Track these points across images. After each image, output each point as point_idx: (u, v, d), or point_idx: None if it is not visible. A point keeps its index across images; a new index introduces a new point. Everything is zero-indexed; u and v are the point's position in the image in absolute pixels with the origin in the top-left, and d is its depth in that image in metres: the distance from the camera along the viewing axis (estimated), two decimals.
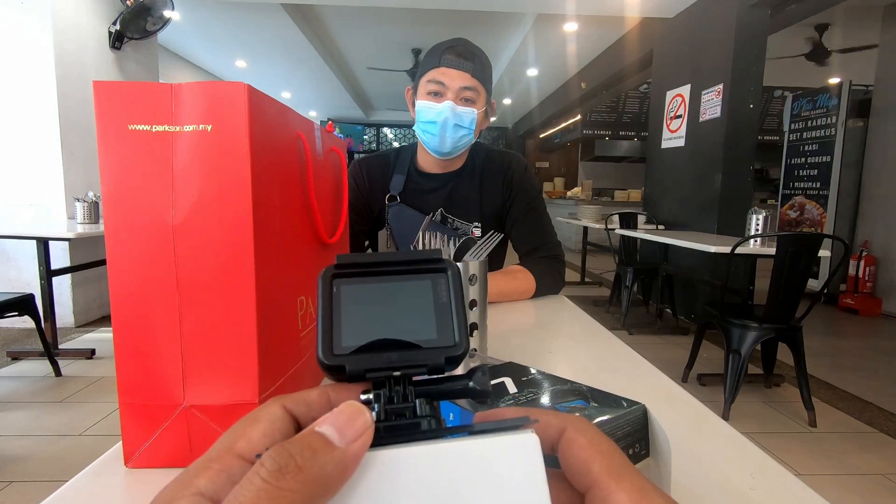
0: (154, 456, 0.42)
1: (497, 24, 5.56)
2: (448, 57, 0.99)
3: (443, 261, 0.22)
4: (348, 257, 0.22)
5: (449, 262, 0.22)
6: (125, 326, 0.41)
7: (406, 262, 0.22)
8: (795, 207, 4.84)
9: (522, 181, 1.17)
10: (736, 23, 3.56)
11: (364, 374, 0.20)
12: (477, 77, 1.01)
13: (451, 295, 0.22)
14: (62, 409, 2.19)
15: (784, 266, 2.08)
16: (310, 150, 0.55)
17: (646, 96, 7.70)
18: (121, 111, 0.39)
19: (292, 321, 0.51)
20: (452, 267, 0.22)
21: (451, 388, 0.21)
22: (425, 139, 1.05)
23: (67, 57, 3.30)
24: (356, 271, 0.22)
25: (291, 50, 6.35)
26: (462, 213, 1.15)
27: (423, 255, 0.22)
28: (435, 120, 1.00)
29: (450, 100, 0.99)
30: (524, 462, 0.17)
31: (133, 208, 0.40)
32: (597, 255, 6.87)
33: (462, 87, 1.00)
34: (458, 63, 0.99)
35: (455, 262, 0.23)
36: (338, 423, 0.16)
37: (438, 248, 0.21)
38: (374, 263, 0.22)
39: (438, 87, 1.00)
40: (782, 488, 0.40)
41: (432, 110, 1.00)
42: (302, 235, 0.54)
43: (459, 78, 0.99)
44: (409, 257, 0.22)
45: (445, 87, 1.00)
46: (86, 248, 3.41)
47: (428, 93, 1.01)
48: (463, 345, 0.21)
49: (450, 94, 1.00)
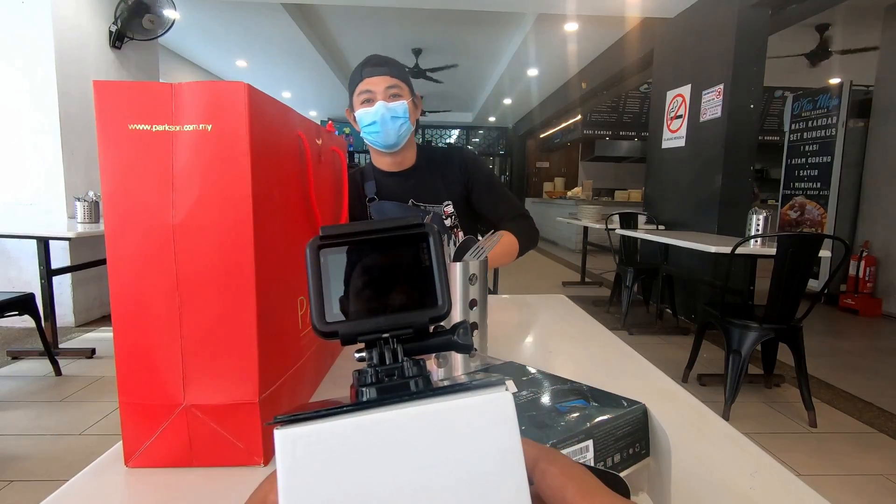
0: (154, 455, 0.42)
1: (497, 24, 5.56)
2: (367, 70, 1.16)
3: (423, 225, 0.23)
4: (332, 228, 0.22)
5: (429, 225, 0.23)
6: (125, 326, 0.41)
7: (388, 230, 0.23)
8: (796, 208, 4.84)
9: (475, 164, 1.33)
10: (736, 23, 3.56)
11: (356, 339, 0.21)
12: (395, 76, 1.16)
13: (433, 258, 0.23)
14: (62, 408, 2.19)
15: (784, 266, 2.08)
16: (310, 149, 0.55)
17: (646, 96, 7.70)
18: (121, 111, 0.39)
19: (292, 321, 0.51)
20: (432, 231, 0.23)
21: (436, 343, 0.23)
22: (372, 139, 1.18)
23: (68, 56, 3.30)
24: (341, 241, 0.22)
25: (292, 50, 6.35)
26: (431, 198, 1.30)
27: (403, 222, 0.23)
28: (374, 120, 1.14)
29: (380, 100, 1.14)
30: (499, 417, 0.18)
31: (133, 208, 0.40)
32: (597, 256, 6.86)
33: (386, 87, 1.14)
34: (376, 71, 1.15)
35: (434, 226, 0.23)
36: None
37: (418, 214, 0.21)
38: (357, 232, 0.23)
39: (368, 94, 1.15)
40: (782, 488, 0.40)
41: (369, 114, 1.14)
42: (302, 235, 0.54)
43: (381, 81, 1.14)
44: (390, 224, 0.23)
45: (373, 92, 1.14)
46: (86, 248, 3.42)
47: (361, 103, 1.16)
48: (445, 306, 0.22)
49: (378, 96, 1.14)
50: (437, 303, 0.22)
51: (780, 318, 2.14)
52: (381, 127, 1.15)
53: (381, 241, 0.23)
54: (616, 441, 0.37)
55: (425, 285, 0.22)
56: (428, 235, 0.23)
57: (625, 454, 0.37)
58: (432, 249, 0.23)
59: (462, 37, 6.03)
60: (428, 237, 0.23)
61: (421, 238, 0.23)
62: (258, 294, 0.42)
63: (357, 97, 1.18)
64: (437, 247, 0.23)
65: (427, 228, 0.23)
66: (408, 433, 0.17)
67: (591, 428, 0.36)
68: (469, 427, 0.18)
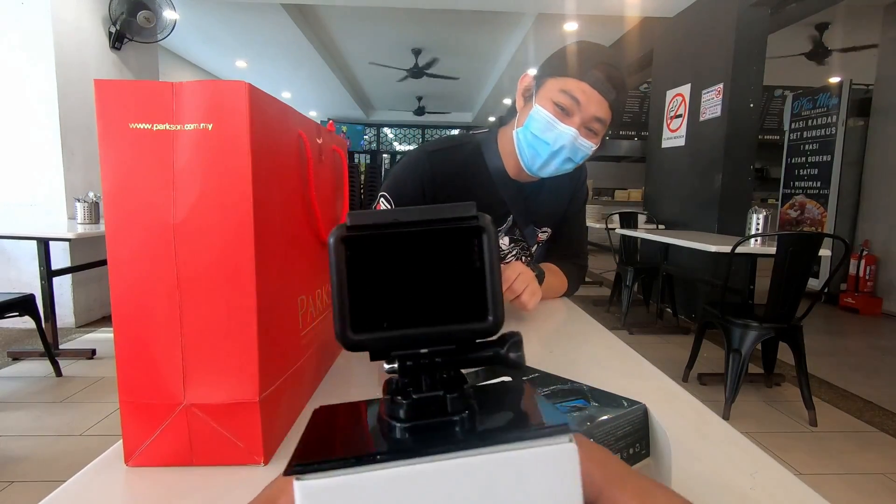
0: (154, 454, 0.42)
1: (497, 24, 5.56)
2: (596, 74, 0.85)
3: (477, 217, 0.19)
4: (362, 216, 0.18)
5: (483, 217, 0.19)
6: (126, 325, 0.41)
7: (432, 221, 0.18)
8: (796, 207, 4.84)
9: (584, 186, 1.13)
10: (736, 22, 3.56)
11: (388, 354, 0.18)
12: (613, 109, 0.88)
13: (486, 260, 0.18)
14: (63, 409, 2.19)
15: (784, 265, 2.08)
16: (310, 149, 0.55)
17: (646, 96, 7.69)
18: (121, 110, 0.39)
19: (293, 320, 0.51)
20: (488, 226, 0.19)
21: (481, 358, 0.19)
22: (526, 152, 0.93)
23: (68, 57, 3.30)
24: (372, 233, 0.18)
25: (292, 50, 6.35)
26: (533, 219, 1.07)
27: (453, 212, 0.19)
28: (550, 143, 0.88)
29: (576, 125, 0.86)
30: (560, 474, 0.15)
31: (134, 207, 0.40)
32: (597, 255, 6.87)
33: (595, 116, 0.86)
34: (604, 87, 0.85)
35: (489, 220, 0.19)
36: None
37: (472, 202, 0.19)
38: (393, 223, 0.18)
39: (571, 103, 0.85)
40: (783, 488, 0.40)
41: (552, 130, 0.87)
42: (303, 234, 0.54)
43: (598, 105, 0.85)
44: (436, 214, 0.18)
45: (579, 106, 0.85)
46: (86, 249, 3.42)
47: (556, 103, 0.86)
48: (496, 320, 0.18)
49: (578, 116, 0.86)
50: (487, 316, 0.18)
51: (781, 317, 2.14)
52: (548, 155, 0.89)
53: (423, 235, 0.18)
54: (616, 441, 0.37)
55: (473, 293, 0.18)
56: (482, 231, 0.19)
57: (625, 454, 0.37)
58: (486, 249, 0.18)
59: (462, 37, 6.03)
60: (482, 233, 0.19)
61: (473, 234, 0.19)
62: (258, 293, 0.42)
63: (557, 91, 0.86)
64: (491, 247, 0.19)
65: (481, 221, 0.19)
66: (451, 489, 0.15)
67: (592, 428, 0.36)
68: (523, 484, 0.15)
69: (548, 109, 0.87)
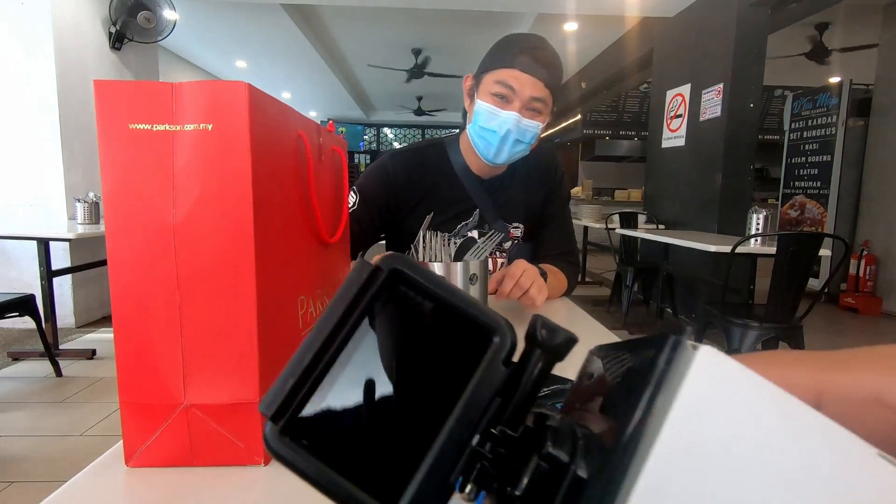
0: (155, 455, 0.42)
1: (497, 24, 5.55)
2: (523, 59, 0.89)
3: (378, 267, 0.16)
4: (269, 400, 0.15)
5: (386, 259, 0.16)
6: (126, 326, 0.41)
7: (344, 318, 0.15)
8: (796, 207, 4.84)
9: (563, 183, 1.14)
10: (736, 22, 3.56)
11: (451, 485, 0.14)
12: (550, 87, 0.91)
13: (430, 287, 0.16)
14: (63, 409, 2.19)
15: (784, 265, 2.08)
16: (310, 149, 0.55)
17: (646, 96, 7.69)
18: (121, 110, 0.39)
19: (293, 320, 0.51)
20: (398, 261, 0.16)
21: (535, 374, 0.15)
22: (479, 144, 0.97)
23: (68, 57, 3.30)
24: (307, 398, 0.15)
25: (291, 50, 6.35)
26: (502, 215, 1.09)
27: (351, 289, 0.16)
28: (496, 130, 0.92)
29: (516, 109, 0.90)
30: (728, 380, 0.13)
31: (134, 208, 0.40)
32: (597, 255, 6.86)
33: (532, 96, 0.90)
34: (533, 69, 0.89)
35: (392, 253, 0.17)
36: None
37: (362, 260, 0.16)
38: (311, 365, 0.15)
39: (507, 90, 0.90)
40: None
41: (495, 118, 0.91)
42: (302, 235, 0.54)
43: (532, 86, 0.89)
44: (336, 312, 0.15)
45: (514, 92, 0.90)
46: (86, 249, 3.41)
47: (493, 94, 0.91)
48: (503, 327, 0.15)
49: (517, 102, 0.90)
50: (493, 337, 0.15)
51: (781, 317, 2.14)
52: (498, 142, 0.93)
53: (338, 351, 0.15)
54: None
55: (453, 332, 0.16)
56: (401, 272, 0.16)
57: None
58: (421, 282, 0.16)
59: (462, 37, 6.03)
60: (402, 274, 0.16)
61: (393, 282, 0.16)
62: (258, 293, 0.42)
63: (492, 82, 0.92)
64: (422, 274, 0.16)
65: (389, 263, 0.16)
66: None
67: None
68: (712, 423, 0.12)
69: (488, 102, 0.92)
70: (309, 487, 0.14)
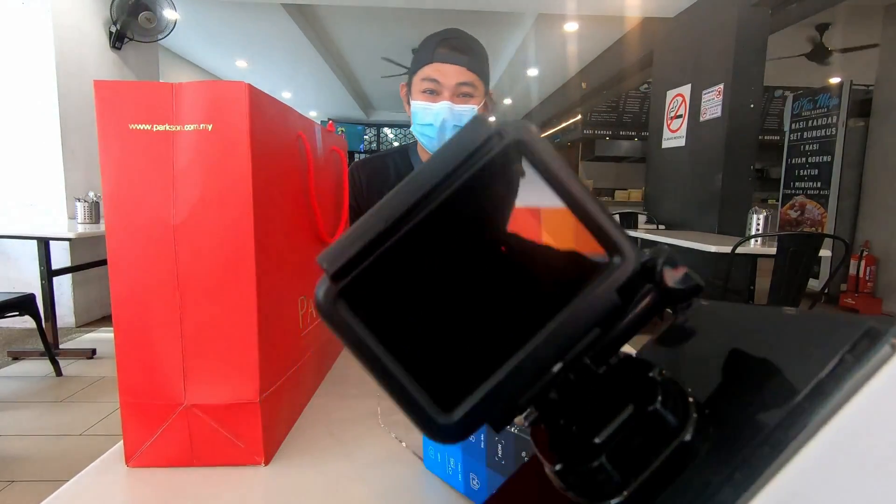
0: (155, 455, 0.42)
1: (497, 24, 5.55)
2: (441, 51, 0.93)
3: (500, 133, 0.12)
4: (337, 250, 0.13)
5: (512, 124, 0.12)
6: (126, 326, 0.41)
7: (437, 189, 0.12)
8: (796, 207, 4.84)
9: None
10: (737, 22, 3.56)
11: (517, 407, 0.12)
12: (474, 70, 0.95)
13: (556, 178, 0.12)
14: (63, 408, 2.19)
15: (785, 266, 2.08)
16: (310, 149, 0.55)
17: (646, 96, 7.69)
18: (122, 111, 0.39)
19: (293, 320, 0.51)
20: (524, 132, 0.12)
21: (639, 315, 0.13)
22: (424, 141, 1.01)
23: (68, 57, 3.30)
24: (370, 263, 0.13)
25: (292, 50, 6.35)
26: None
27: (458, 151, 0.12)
28: (432, 122, 0.95)
29: (446, 98, 0.94)
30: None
31: (134, 208, 0.40)
32: None
33: (458, 83, 0.94)
34: (452, 57, 0.93)
35: (523, 126, 0.13)
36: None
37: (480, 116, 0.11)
38: (388, 228, 0.12)
39: (433, 84, 0.94)
40: None
41: (429, 112, 0.95)
42: (302, 235, 0.54)
43: (455, 73, 0.93)
44: (434, 175, 0.12)
45: (440, 84, 0.94)
46: (86, 248, 3.41)
47: (423, 91, 0.96)
48: (629, 251, 0.12)
49: (446, 91, 0.94)
50: (613, 257, 0.12)
51: None
52: (437, 133, 0.95)
53: (439, 214, 0.12)
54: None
55: (570, 236, 0.12)
56: (523, 144, 0.12)
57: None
58: (549, 166, 0.12)
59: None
60: (524, 147, 0.12)
61: (512, 159, 0.12)
62: (259, 293, 0.42)
63: (419, 81, 0.96)
64: (550, 157, 0.12)
65: (514, 132, 0.12)
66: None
67: None
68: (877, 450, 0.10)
69: (420, 100, 0.97)
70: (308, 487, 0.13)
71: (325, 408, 0.55)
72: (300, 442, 0.48)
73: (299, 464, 0.44)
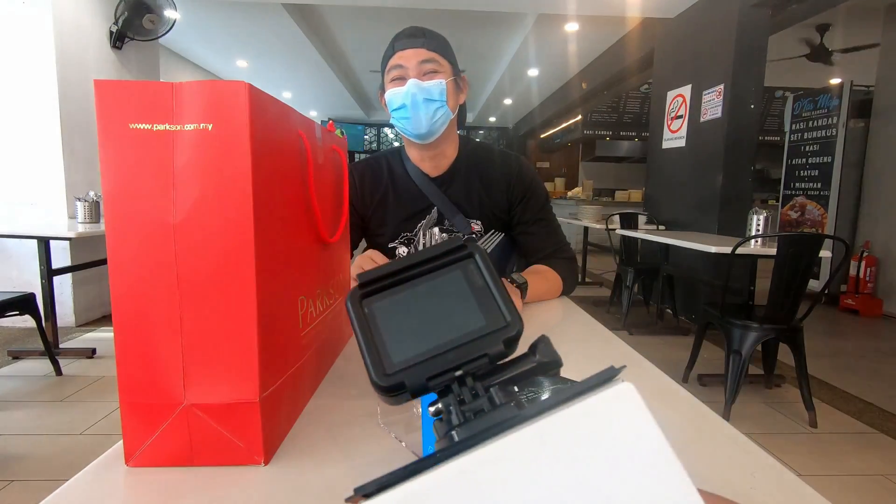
0: (155, 455, 0.42)
1: (498, 24, 5.56)
2: (400, 42, 0.99)
3: (465, 246, 0.22)
4: (369, 274, 0.21)
5: (473, 244, 0.22)
6: (126, 325, 0.41)
7: (429, 260, 0.21)
8: (796, 208, 4.84)
9: (532, 187, 1.15)
10: (737, 23, 3.56)
11: (426, 385, 0.19)
12: (432, 49, 0.99)
13: (486, 277, 0.21)
14: (63, 408, 2.19)
15: (785, 266, 2.08)
16: (310, 149, 0.55)
17: (646, 96, 7.70)
18: (122, 110, 0.39)
19: (293, 320, 0.51)
20: (478, 250, 0.22)
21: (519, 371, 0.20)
22: (402, 126, 1.02)
23: (68, 56, 3.31)
24: (384, 285, 0.21)
25: (292, 50, 6.35)
26: (459, 209, 1.13)
27: (444, 248, 0.22)
28: (404, 102, 0.97)
29: (413, 77, 0.97)
30: (628, 416, 0.15)
31: (134, 207, 0.40)
32: (597, 256, 6.86)
33: (420, 61, 0.97)
34: (410, 42, 0.98)
35: (476, 243, 0.22)
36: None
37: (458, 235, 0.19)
38: (397, 272, 0.21)
39: (399, 71, 0.98)
40: (782, 488, 0.40)
41: (398, 95, 0.98)
42: (303, 234, 0.54)
43: (415, 55, 0.97)
44: (430, 254, 0.22)
45: (405, 68, 0.98)
46: (87, 248, 3.42)
47: (392, 81, 0.99)
48: (516, 323, 0.20)
49: (411, 72, 0.97)
50: (506, 321, 0.20)
51: (781, 318, 2.14)
52: (411, 111, 0.97)
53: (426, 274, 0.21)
54: None
55: (486, 307, 0.21)
56: (474, 255, 0.22)
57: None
58: (483, 268, 0.21)
59: (462, 37, 6.03)
60: (475, 256, 0.22)
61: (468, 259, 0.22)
62: (259, 293, 0.42)
63: (388, 75, 1.01)
64: (486, 265, 0.21)
65: (471, 248, 0.22)
66: (515, 468, 0.14)
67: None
68: (593, 436, 0.14)
69: (390, 89, 1.01)
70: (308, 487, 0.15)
71: (325, 408, 0.55)
72: (300, 442, 0.48)
73: (299, 463, 0.44)
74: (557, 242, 1.16)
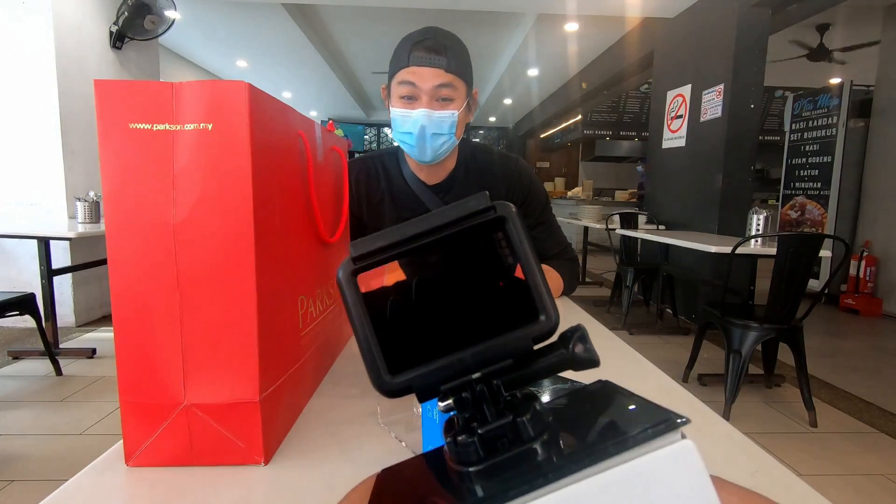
0: (155, 454, 0.42)
1: (498, 24, 5.56)
2: (417, 54, 0.89)
3: (492, 207, 0.16)
4: (364, 243, 0.16)
5: (502, 205, 0.16)
6: (126, 325, 0.41)
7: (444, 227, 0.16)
8: (796, 207, 4.84)
9: (532, 185, 1.13)
10: (737, 23, 3.56)
11: (438, 390, 0.16)
12: (452, 71, 0.90)
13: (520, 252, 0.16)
14: (63, 408, 2.19)
15: (785, 266, 2.08)
16: (310, 149, 0.55)
17: (646, 96, 7.70)
18: (122, 110, 0.39)
19: (293, 320, 0.51)
20: (510, 213, 0.16)
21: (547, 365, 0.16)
22: (405, 146, 0.98)
23: (68, 56, 3.30)
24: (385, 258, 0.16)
25: (292, 50, 6.35)
26: None
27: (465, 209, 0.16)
28: (411, 130, 0.92)
29: (424, 106, 0.90)
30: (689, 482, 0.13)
31: (134, 207, 0.40)
32: (597, 255, 6.86)
33: (436, 85, 0.89)
34: (428, 59, 0.88)
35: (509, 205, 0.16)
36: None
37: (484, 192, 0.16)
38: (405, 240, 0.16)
39: (411, 89, 0.90)
40: (783, 488, 0.40)
41: (407, 120, 0.91)
42: (303, 234, 0.54)
43: (432, 76, 0.89)
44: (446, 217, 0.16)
45: (418, 88, 0.89)
46: (87, 248, 3.42)
47: (401, 97, 0.91)
48: (552, 316, 0.16)
49: (424, 96, 0.90)
50: (540, 315, 0.16)
51: (781, 318, 2.14)
52: (417, 140, 0.92)
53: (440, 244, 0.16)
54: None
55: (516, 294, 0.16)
56: (505, 221, 0.16)
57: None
58: (516, 241, 0.16)
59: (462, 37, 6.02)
60: (505, 223, 0.16)
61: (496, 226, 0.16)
62: (259, 293, 0.42)
63: (397, 85, 0.91)
64: (521, 236, 0.16)
65: (501, 210, 0.16)
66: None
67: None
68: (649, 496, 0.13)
69: (398, 106, 0.93)
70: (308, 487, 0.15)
71: (325, 407, 0.55)
72: (300, 442, 0.48)
73: (299, 463, 0.44)
74: (560, 244, 1.15)
